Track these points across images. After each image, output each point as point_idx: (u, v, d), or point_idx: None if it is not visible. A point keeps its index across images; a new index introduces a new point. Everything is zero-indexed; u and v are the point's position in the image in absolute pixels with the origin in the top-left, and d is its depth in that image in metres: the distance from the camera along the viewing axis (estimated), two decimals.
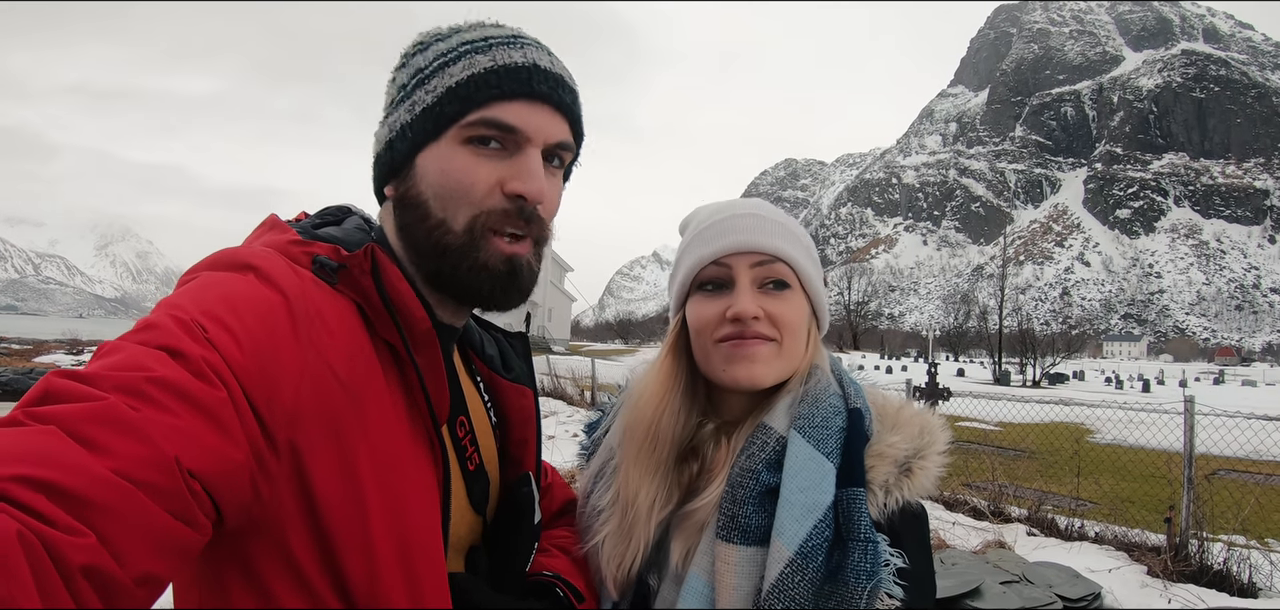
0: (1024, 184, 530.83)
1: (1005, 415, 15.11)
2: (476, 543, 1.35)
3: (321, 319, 1.09)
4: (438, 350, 1.20)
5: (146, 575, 0.82)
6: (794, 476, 1.32)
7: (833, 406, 1.41)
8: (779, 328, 1.45)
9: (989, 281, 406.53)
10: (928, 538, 1.39)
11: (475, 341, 1.50)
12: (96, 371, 0.90)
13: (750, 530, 1.32)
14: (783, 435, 1.39)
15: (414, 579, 1.11)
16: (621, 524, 1.47)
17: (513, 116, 1.24)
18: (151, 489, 0.83)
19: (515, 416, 1.47)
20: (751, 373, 1.43)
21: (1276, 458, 11.24)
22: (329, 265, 1.16)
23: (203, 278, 1.09)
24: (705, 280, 1.50)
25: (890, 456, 1.36)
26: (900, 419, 1.45)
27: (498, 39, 1.27)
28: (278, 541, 1.03)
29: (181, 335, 0.96)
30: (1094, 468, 12.47)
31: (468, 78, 1.23)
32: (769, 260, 1.46)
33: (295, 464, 1.03)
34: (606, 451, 1.61)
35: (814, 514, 1.29)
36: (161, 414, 0.88)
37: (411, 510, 1.12)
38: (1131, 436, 15.83)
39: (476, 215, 1.23)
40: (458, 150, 1.23)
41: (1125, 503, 10.02)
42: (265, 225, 1.27)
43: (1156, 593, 6.73)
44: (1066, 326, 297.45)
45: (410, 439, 1.16)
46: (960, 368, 67.95)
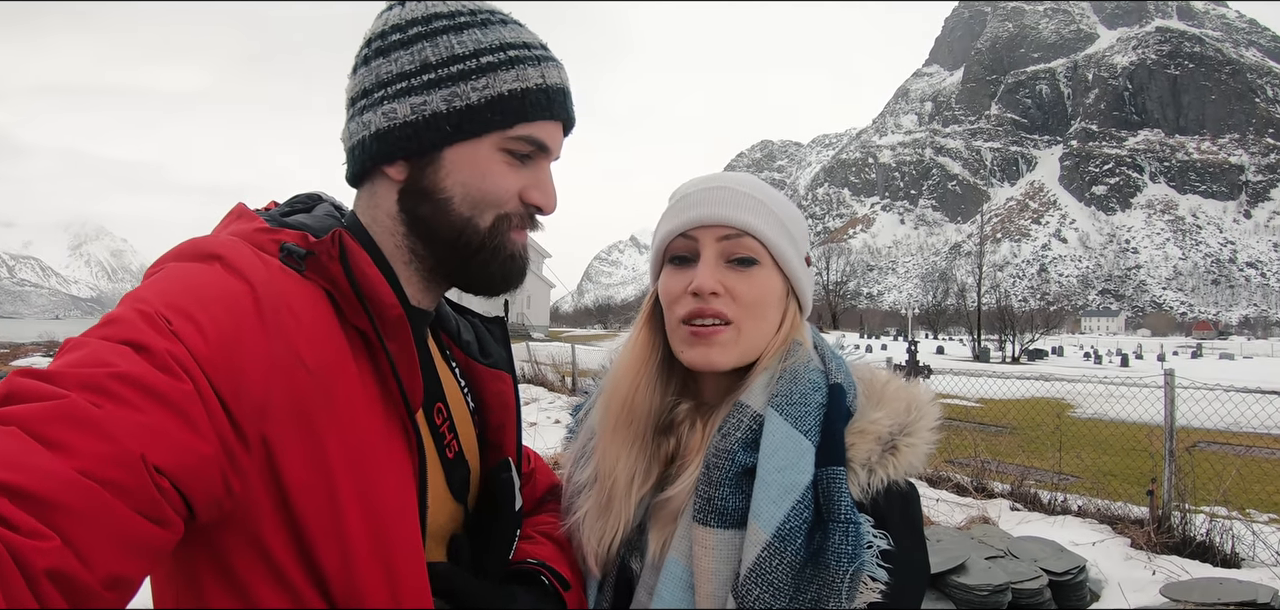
0: (1000, 162, 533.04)
1: (986, 391, 15.10)
2: (458, 531, 1.33)
3: (289, 307, 1.07)
4: (409, 336, 1.17)
5: (115, 577, 0.80)
6: (770, 456, 1.28)
7: (812, 382, 1.37)
8: (739, 304, 1.40)
9: (967, 259, 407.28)
10: (917, 518, 1.36)
11: (451, 327, 1.49)
12: (59, 370, 0.88)
13: (727, 512, 1.29)
14: (759, 413, 1.35)
15: (390, 568, 1.09)
16: (600, 499, 1.45)
17: (547, 136, 1.27)
18: (117, 488, 0.81)
19: (493, 402, 1.45)
20: (707, 356, 1.40)
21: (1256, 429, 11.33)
22: (296, 252, 1.14)
23: (168, 269, 1.07)
24: (674, 253, 1.47)
25: (873, 433, 1.32)
26: (886, 394, 1.41)
27: (542, 54, 1.28)
28: (251, 535, 1.02)
29: (145, 329, 0.94)
30: (1075, 442, 12.53)
31: (521, 91, 1.23)
32: (735, 234, 1.41)
33: (266, 456, 1.00)
34: (588, 432, 1.59)
35: (791, 494, 1.25)
36: (126, 410, 0.86)
37: (386, 499, 1.10)
38: (1111, 410, 15.90)
39: (500, 217, 1.25)
40: (496, 157, 1.24)
41: (1107, 476, 10.07)
42: (233, 214, 1.24)
43: (1141, 564, 6.74)
44: (1044, 303, 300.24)
45: (383, 427, 1.13)
46: (940, 345, 68.34)
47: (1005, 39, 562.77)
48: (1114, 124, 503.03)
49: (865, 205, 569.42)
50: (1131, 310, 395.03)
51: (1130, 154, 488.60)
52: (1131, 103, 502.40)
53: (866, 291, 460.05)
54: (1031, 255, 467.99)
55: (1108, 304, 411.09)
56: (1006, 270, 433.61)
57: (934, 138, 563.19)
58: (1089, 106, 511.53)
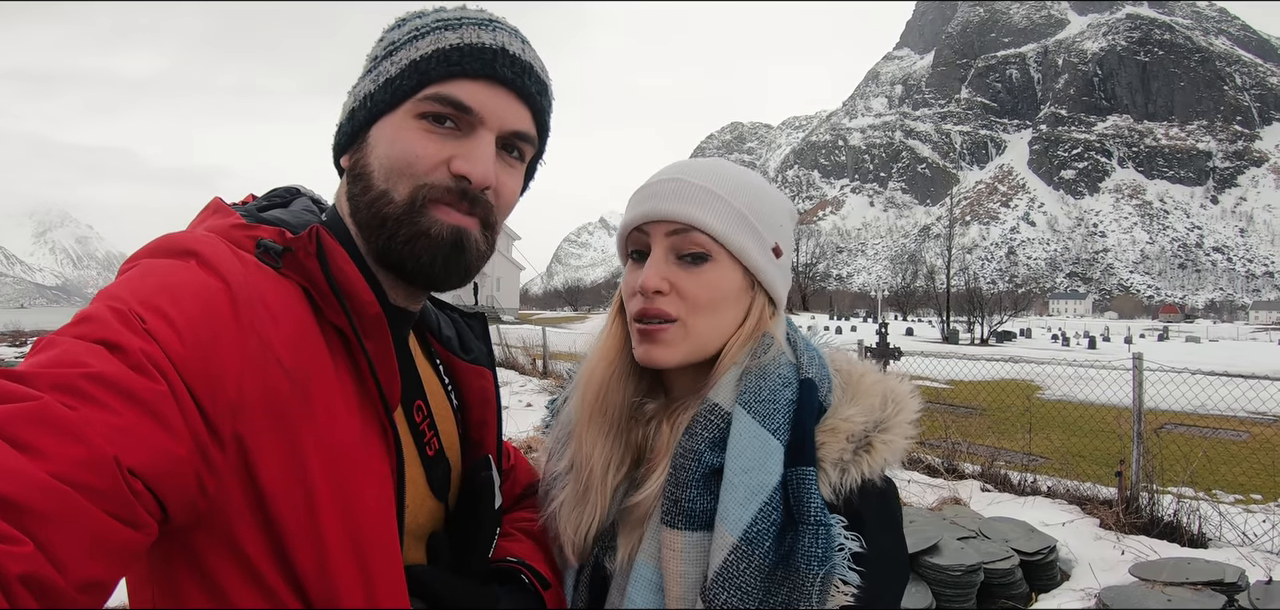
0: (970, 146, 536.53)
1: (955, 373, 15.21)
2: (438, 529, 1.31)
3: (265, 305, 1.06)
4: (388, 335, 1.15)
5: (89, 581, 0.79)
6: (737, 457, 1.25)
7: (782, 378, 1.32)
8: (686, 302, 1.36)
9: (936, 242, 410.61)
10: (895, 515, 1.32)
11: (432, 323, 1.47)
12: (31, 370, 0.87)
13: (695, 515, 1.25)
14: (728, 411, 1.30)
15: (367, 568, 1.07)
16: (577, 487, 1.43)
17: (468, 95, 1.20)
18: (90, 491, 0.80)
19: (474, 398, 1.44)
20: (651, 354, 1.38)
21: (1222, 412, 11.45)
22: (273, 249, 1.13)
23: (143, 265, 1.06)
24: (632, 247, 1.45)
25: (845, 431, 1.27)
26: (861, 388, 1.36)
27: (471, 20, 1.24)
28: (227, 536, 1.00)
29: (119, 327, 0.92)
30: (1044, 423, 12.65)
31: (432, 52, 1.20)
32: (683, 229, 1.37)
33: (241, 456, 0.99)
34: (565, 421, 1.57)
35: (759, 496, 1.22)
36: (99, 412, 0.84)
37: (362, 498, 1.09)
38: (1079, 392, 16.10)
39: (418, 187, 1.19)
40: (409, 123, 1.20)
41: (1076, 457, 10.14)
42: (209, 209, 1.22)
43: (1110, 544, 6.81)
44: (1013, 285, 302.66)
45: (361, 426, 1.12)
46: (909, 327, 68.52)
47: (976, 23, 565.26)
48: (1083, 109, 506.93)
49: (835, 187, 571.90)
50: (1099, 293, 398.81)
51: (1099, 139, 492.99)
52: (1101, 88, 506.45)
53: (836, 273, 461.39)
54: (1000, 238, 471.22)
55: (1075, 287, 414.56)
56: (975, 253, 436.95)
57: (904, 121, 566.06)
58: (1058, 91, 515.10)
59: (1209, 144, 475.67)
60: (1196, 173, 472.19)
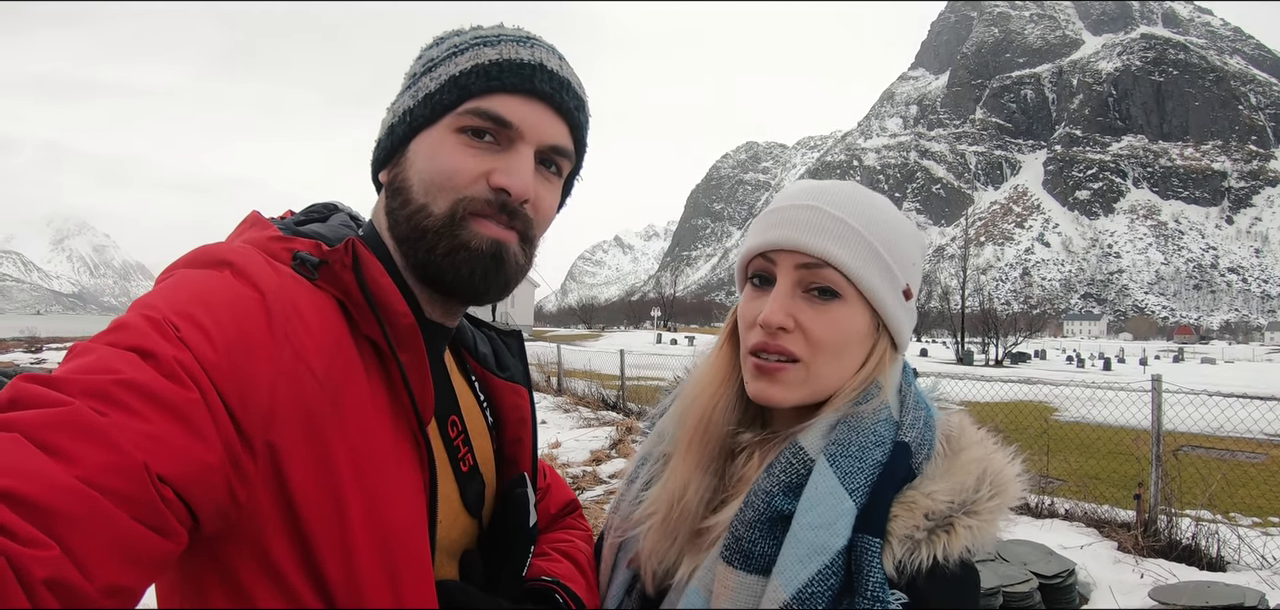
0: (984, 166, 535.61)
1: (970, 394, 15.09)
2: (472, 546, 1.31)
3: (299, 315, 1.06)
4: (422, 346, 1.15)
5: (114, 586, 0.78)
6: (808, 510, 1.18)
7: (876, 435, 1.23)
8: (810, 342, 1.28)
9: (950, 262, 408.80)
10: (966, 607, 1.19)
11: (468, 340, 1.47)
12: (64, 376, 0.87)
13: (753, 557, 1.19)
14: (812, 459, 1.23)
15: (396, 580, 1.08)
16: (667, 518, 1.36)
17: (507, 110, 1.21)
18: (119, 497, 0.80)
19: (510, 416, 1.43)
20: (769, 393, 1.30)
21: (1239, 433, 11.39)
22: (309, 261, 1.14)
23: (178, 275, 1.06)
24: (754, 271, 1.37)
25: (924, 507, 1.18)
26: (958, 462, 1.25)
27: (510, 37, 1.25)
28: (256, 545, 1.00)
29: (153, 335, 0.93)
30: (1061, 446, 12.53)
31: (472, 68, 1.21)
32: (815, 264, 1.28)
33: (272, 465, 0.99)
34: (657, 436, 1.53)
35: (820, 557, 1.14)
36: (130, 418, 0.84)
37: (393, 510, 1.09)
38: (1095, 414, 15.94)
39: (458, 200, 1.19)
40: (449, 137, 1.20)
41: (1093, 480, 10.08)
42: (247, 222, 1.24)
43: (1129, 568, 6.79)
44: (1027, 306, 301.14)
45: (392, 438, 1.12)
46: (924, 348, 68.66)
47: (991, 43, 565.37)
48: (1098, 129, 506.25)
49: None
50: (1114, 314, 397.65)
51: (1113, 159, 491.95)
52: (1115, 108, 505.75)
53: None
54: (1015, 259, 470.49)
55: (1090, 308, 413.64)
56: (990, 273, 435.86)
57: (919, 141, 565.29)
58: (1073, 112, 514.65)
59: (1223, 164, 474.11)
60: (1211, 193, 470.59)
